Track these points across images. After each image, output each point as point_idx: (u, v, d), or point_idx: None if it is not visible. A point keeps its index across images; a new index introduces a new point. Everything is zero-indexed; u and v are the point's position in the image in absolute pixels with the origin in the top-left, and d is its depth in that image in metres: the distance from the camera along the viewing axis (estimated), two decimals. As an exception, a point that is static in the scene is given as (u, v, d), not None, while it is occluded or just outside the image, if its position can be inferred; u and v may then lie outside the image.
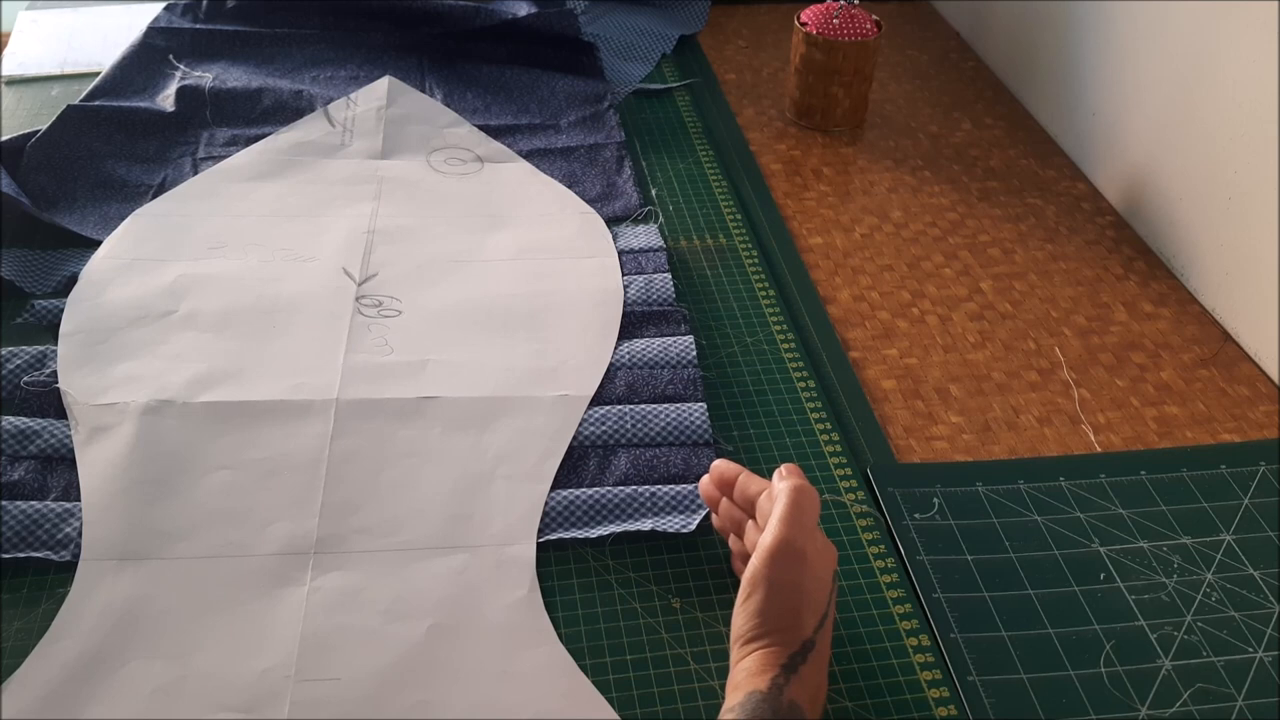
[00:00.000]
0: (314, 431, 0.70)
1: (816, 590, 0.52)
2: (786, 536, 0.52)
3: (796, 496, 0.54)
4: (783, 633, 0.51)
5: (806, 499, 0.54)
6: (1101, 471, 0.71)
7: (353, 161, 0.97)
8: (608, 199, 0.95)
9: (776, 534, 0.52)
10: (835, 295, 0.88)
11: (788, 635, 0.50)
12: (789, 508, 0.53)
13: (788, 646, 0.50)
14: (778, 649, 0.50)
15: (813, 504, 0.54)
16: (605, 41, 1.20)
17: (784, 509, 0.53)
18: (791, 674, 0.49)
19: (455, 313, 0.81)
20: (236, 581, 0.61)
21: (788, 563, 0.51)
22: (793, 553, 0.51)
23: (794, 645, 0.50)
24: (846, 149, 1.07)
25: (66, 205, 0.90)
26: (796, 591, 0.51)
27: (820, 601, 0.52)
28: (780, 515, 0.53)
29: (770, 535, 0.52)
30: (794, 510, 0.53)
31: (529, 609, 0.61)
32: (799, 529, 0.52)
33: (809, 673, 0.50)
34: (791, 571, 0.51)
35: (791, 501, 0.53)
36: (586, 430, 0.72)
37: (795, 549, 0.51)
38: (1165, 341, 0.84)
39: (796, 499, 0.53)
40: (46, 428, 0.69)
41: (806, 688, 0.50)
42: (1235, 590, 0.64)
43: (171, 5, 1.15)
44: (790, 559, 0.51)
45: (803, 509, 0.53)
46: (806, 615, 0.51)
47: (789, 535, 0.52)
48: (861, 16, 1.05)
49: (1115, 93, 0.99)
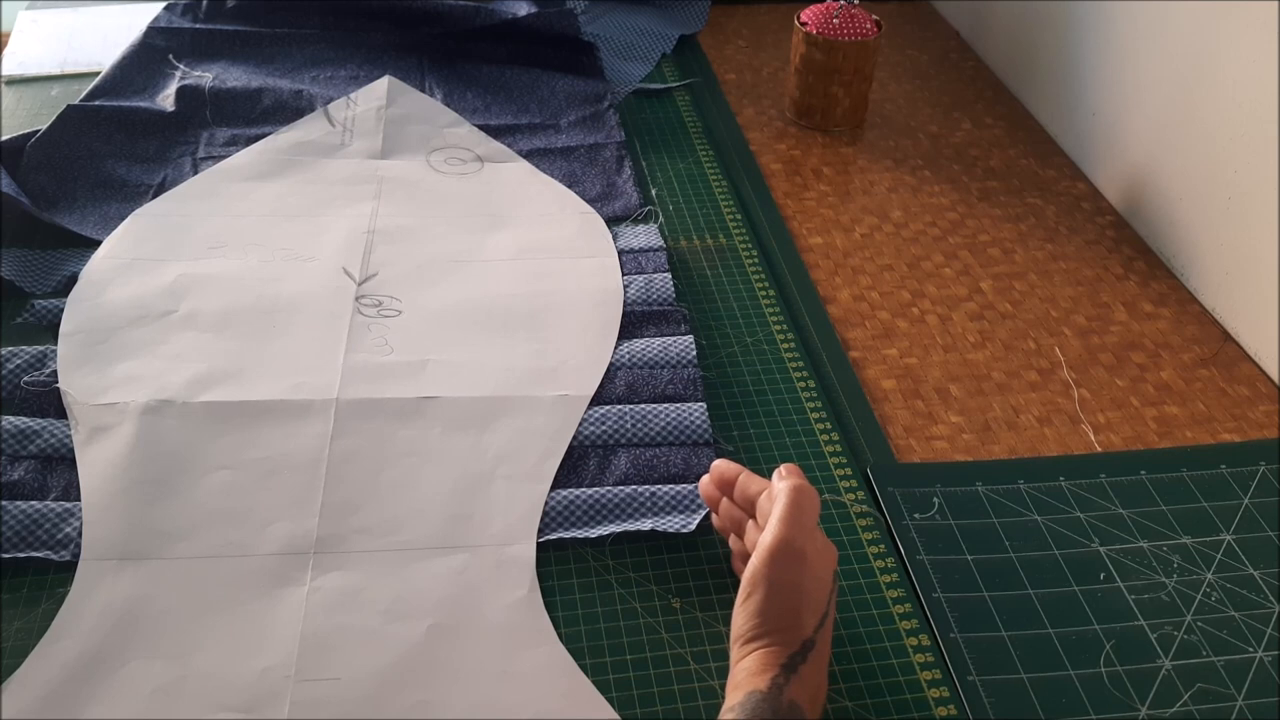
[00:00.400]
0: (314, 431, 0.70)
1: (816, 590, 0.52)
2: (786, 536, 0.52)
3: (796, 496, 0.54)
4: (783, 632, 0.51)
5: (806, 499, 0.54)
6: (1101, 471, 0.71)
7: (353, 161, 0.97)
8: (608, 199, 0.95)
9: (776, 534, 0.52)
10: (835, 295, 0.88)
11: (788, 635, 0.50)
12: (789, 507, 0.53)
13: (788, 646, 0.50)
14: (778, 649, 0.50)
15: (812, 504, 0.54)
16: (605, 41, 1.20)
17: (784, 508, 0.53)
18: (791, 674, 0.49)
19: (455, 313, 0.81)
20: (236, 581, 0.61)
21: (787, 562, 0.51)
22: (792, 552, 0.52)
23: (794, 645, 0.50)
24: (846, 149, 1.07)
25: (66, 205, 0.90)
26: (796, 591, 0.51)
27: (820, 601, 0.52)
28: (780, 515, 0.53)
29: (770, 535, 0.52)
30: (794, 510, 0.53)
31: (529, 609, 0.61)
32: (799, 529, 0.52)
33: (809, 672, 0.50)
34: (791, 571, 0.51)
35: (791, 501, 0.53)
36: (586, 430, 0.72)
37: (795, 549, 0.52)
38: (1165, 341, 0.84)
39: (796, 499, 0.54)
40: (46, 428, 0.69)
41: (806, 687, 0.50)
42: (1235, 590, 0.64)
43: (171, 5, 1.15)
44: (790, 559, 0.51)
45: (802, 509, 0.54)
46: (806, 615, 0.51)
47: (788, 535, 0.52)
48: (861, 16, 1.05)
49: (1115, 93, 0.99)
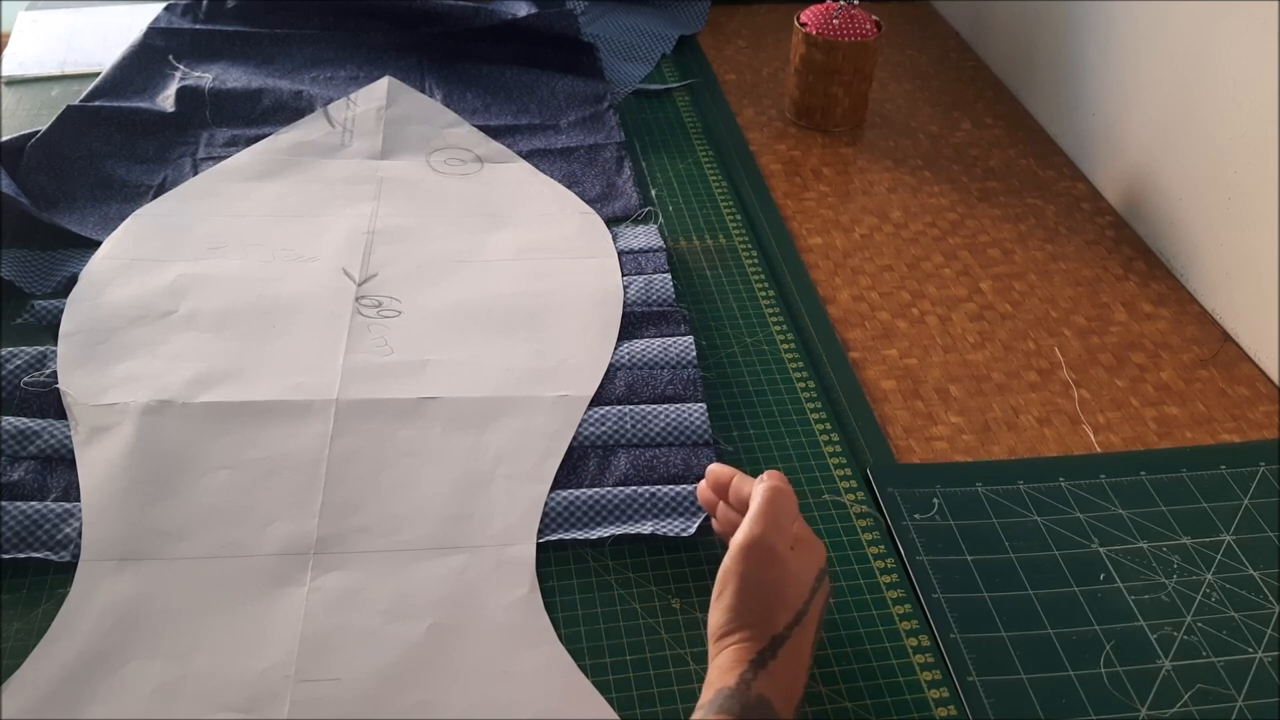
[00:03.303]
0: (314, 431, 0.70)
1: (791, 587, 0.53)
2: (757, 534, 0.53)
3: (771, 495, 0.55)
4: (754, 628, 0.51)
5: (781, 498, 0.55)
6: (1101, 472, 0.71)
7: (352, 161, 0.97)
8: (608, 199, 0.95)
9: (747, 531, 0.53)
10: (835, 295, 0.88)
11: (758, 630, 0.51)
12: (762, 505, 0.55)
13: (757, 642, 0.51)
14: (748, 644, 0.51)
15: (788, 504, 0.56)
16: (605, 42, 1.20)
17: (757, 507, 0.55)
18: (760, 669, 0.50)
19: (455, 313, 0.81)
20: (236, 581, 0.61)
21: (758, 559, 0.52)
22: (763, 550, 0.53)
23: (763, 640, 0.51)
24: (846, 149, 1.07)
25: (66, 205, 0.90)
26: (768, 587, 0.52)
27: (795, 598, 0.53)
28: (753, 514, 0.54)
29: (742, 533, 0.53)
30: (767, 508, 0.54)
31: (529, 609, 0.61)
32: (771, 527, 0.54)
33: (780, 668, 0.51)
34: (762, 568, 0.52)
35: (766, 500, 0.55)
36: (586, 430, 0.72)
37: (765, 546, 0.53)
38: (1165, 342, 0.84)
39: (771, 498, 0.55)
40: (46, 428, 0.69)
41: (778, 683, 0.50)
42: (1235, 591, 0.64)
43: (171, 5, 1.15)
44: (761, 556, 0.52)
45: (777, 508, 0.55)
46: (779, 611, 0.52)
47: (759, 533, 0.53)
48: (861, 16, 1.05)
49: (1115, 93, 0.99)
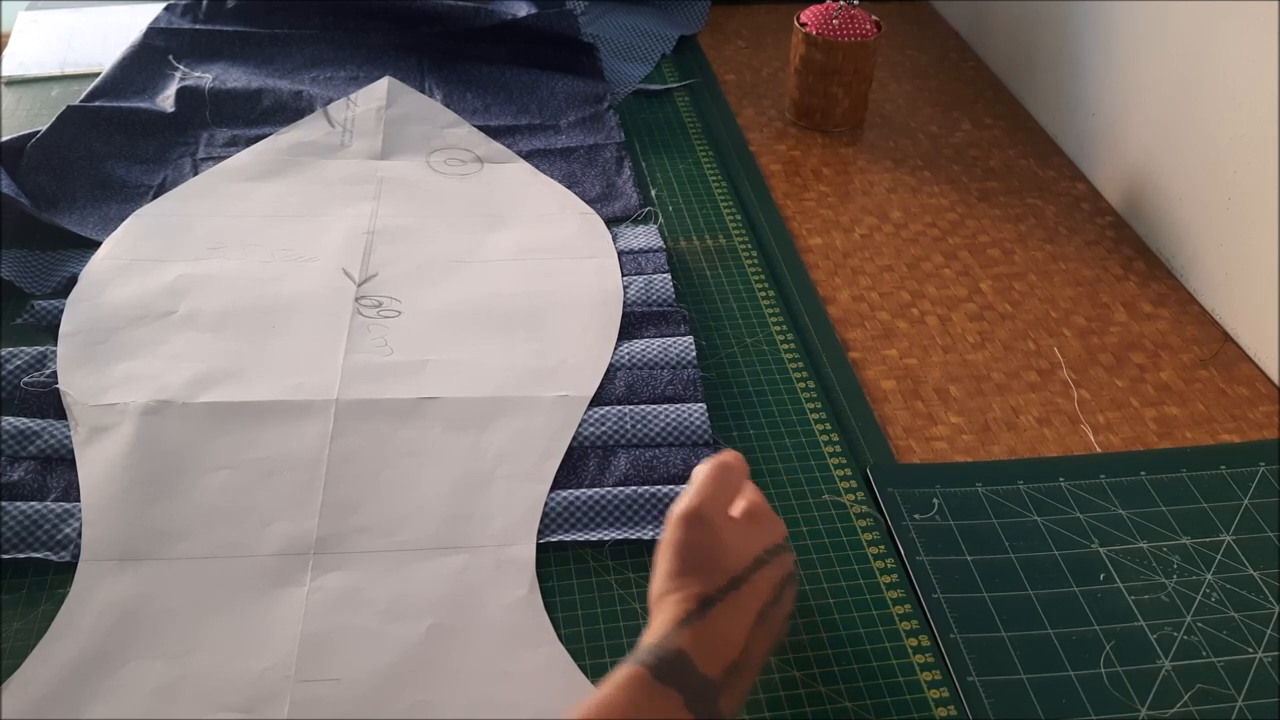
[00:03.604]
0: (314, 431, 0.70)
1: (727, 555, 0.54)
2: (691, 504, 0.54)
3: (712, 469, 0.56)
4: (685, 590, 0.52)
5: (724, 471, 0.56)
6: (1101, 472, 0.71)
7: (352, 162, 0.97)
8: (608, 199, 0.95)
9: (683, 502, 0.55)
10: (835, 295, 0.88)
11: (689, 593, 0.52)
12: (701, 479, 0.56)
13: (687, 603, 0.52)
14: (679, 605, 0.52)
15: (731, 477, 0.57)
16: (605, 42, 1.20)
17: (698, 480, 0.56)
18: (684, 626, 0.51)
19: (455, 313, 0.81)
20: (236, 581, 0.61)
21: (690, 527, 0.54)
22: (697, 519, 0.54)
23: (692, 602, 0.52)
24: (846, 149, 1.07)
25: (66, 205, 0.90)
26: (700, 552, 0.53)
27: (733, 565, 0.54)
28: (692, 486, 0.56)
29: (678, 504, 0.55)
30: (706, 481, 0.56)
31: (529, 609, 0.61)
32: (708, 499, 0.55)
33: (708, 629, 0.51)
34: (695, 535, 0.54)
35: (705, 474, 0.56)
36: (586, 430, 0.72)
37: (699, 515, 0.54)
38: (1165, 342, 0.84)
39: (711, 471, 0.56)
40: (46, 428, 0.69)
41: (704, 643, 0.51)
42: (1235, 591, 0.64)
43: (171, 5, 1.15)
44: (694, 524, 0.54)
45: (717, 480, 0.56)
46: (713, 574, 0.53)
47: (694, 503, 0.54)
48: (861, 17, 1.05)
49: (1115, 93, 0.99)
